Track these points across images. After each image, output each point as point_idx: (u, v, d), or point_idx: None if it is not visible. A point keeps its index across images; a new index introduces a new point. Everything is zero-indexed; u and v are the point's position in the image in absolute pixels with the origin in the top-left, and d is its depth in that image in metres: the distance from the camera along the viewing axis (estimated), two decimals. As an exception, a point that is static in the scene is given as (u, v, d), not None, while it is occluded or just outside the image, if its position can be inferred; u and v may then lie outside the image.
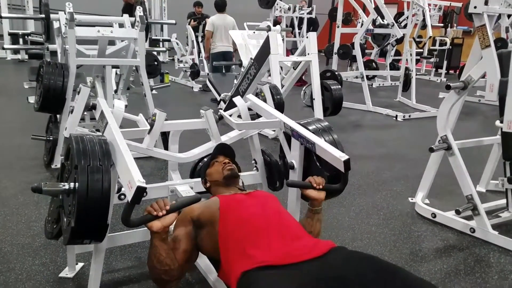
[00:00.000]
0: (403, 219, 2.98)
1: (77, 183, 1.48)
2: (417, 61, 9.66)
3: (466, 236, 2.76)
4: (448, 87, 2.62)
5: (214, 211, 1.71)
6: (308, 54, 4.84)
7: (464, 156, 2.80)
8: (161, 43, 9.52)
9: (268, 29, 5.28)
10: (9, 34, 9.05)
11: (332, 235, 2.68)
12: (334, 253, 1.52)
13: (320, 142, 1.92)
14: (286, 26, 9.98)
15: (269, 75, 5.20)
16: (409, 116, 6.31)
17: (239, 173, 2.09)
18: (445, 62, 10.62)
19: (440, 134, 2.79)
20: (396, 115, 6.26)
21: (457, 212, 2.69)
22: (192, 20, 8.55)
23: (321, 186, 1.86)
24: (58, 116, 3.63)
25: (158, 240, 1.56)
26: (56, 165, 3.57)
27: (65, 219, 1.64)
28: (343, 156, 1.79)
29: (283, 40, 7.36)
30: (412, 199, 3.26)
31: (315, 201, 1.89)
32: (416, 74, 7.67)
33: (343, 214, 3.01)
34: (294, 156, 2.12)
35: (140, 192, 1.39)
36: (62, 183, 1.57)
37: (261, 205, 1.76)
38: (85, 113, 3.47)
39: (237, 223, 1.64)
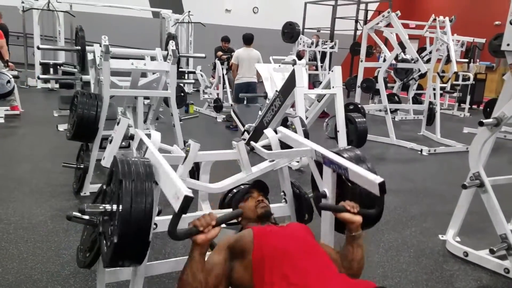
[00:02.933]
0: (434, 257, 2.91)
1: (120, 203, 1.51)
2: (440, 95, 9.62)
3: (500, 276, 2.67)
4: (481, 124, 2.60)
5: (248, 241, 1.71)
6: (333, 87, 4.87)
7: (496, 193, 2.75)
8: (186, 75, 9.73)
9: (294, 63, 5.37)
10: (40, 64, 9.38)
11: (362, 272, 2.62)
12: None
13: (353, 166, 1.88)
14: (309, 59, 10.12)
15: (292, 107, 5.24)
16: (435, 150, 6.24)
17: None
18: (468, 97, 10.54)
19: (473, 171, 2.75)
20: (421, 149, 6.19)
21: (492, 252, 2.62)
22: (221, 52, 8.80)
23: (355, 210, 1.78)
24: (89, 144, 3.71)
25: (199, 253, 1.55)
26: (85, 193, 3.63)
27: (104, 242, 1.67)
28: (378, 179, 1.74)
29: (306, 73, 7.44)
30: (442, 237, 3.18)
31: (352, 225, 1.78)
32: (440, 109, 7.62)
33: (372, 250, 2.96)
34: (326, 184, 2.08)
35: (188, 201, 1.40)
36: (103, 205, 1.61)
37: (296, 236, 1.74)
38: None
39: (272, 253, 1.63)
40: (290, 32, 9.36)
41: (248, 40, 7.47)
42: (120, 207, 1.51)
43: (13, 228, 2.98)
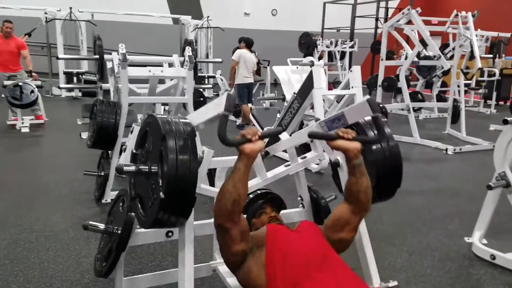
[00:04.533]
0: (460, 261, 2.81)
1: (165, 157, 1.51)
2: (465, 92, 9.38)
3: (530, 280, 2.56)
4: (505, 122, 2.51)
5: (262, 236, 1.72)
6: (352, 87, 4.79)
7: (525, 194, 2.64)
8: (206, 80, 9.79)
9: (312, 64, 5.32)
10: (64, 73, 9.60)
11: (384, 277, 2.55)
12: None
13: (347, 109, 1.74)
14: (328, 60, 10.05)
15: (312, 109, 5.18)
16: (460, 149, 6.07)
17: (285, 210, 2.07)
18: (494, 93, 10.24)
19: (498, 171, 2.66)
20: (446, 148, 6.03)
21: (520, 254, 2.51)
22: None
23: (350, 136, 1.63)
24: (109, 152, 3.75)
25: (244, 164, 1.57)
26: (106, 200, 3.66)
27: (139, 205, 1.69)
28: (365, 98, 1.63)
29: (325, 74, 7.39)
30: (468, 239, 3.07)
31: (349, 153, 1.64)
32: (465, 106, 7.42)
33: (395, 254, 2.88)
34: (337, 152, 1.94)
35: (231, 97, 1.48)
36: (137, 165, 1.61)
37: (308, 241, 1.71)
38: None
39: (284, 255, 1.61)
40: (307, 43, 9.35)
41: (250, 44, 7.58)
42: (167, 161, 1.49)
43: (35, 237, 3.03)
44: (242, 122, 7.59)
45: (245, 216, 2.18)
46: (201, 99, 6.51)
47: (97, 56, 4.14)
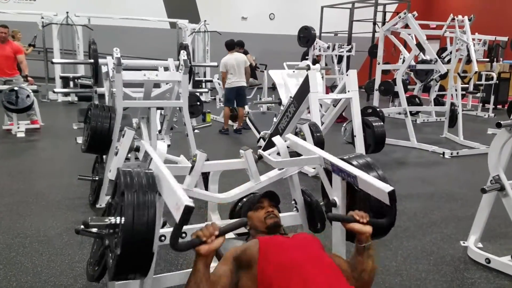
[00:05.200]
0: (455, 265, 2.80)
1: (123, 214, 1.50)
2: (463, 96, 9.40)
3: (525, 284, 2.55)
4: (498, 125, 2.50)
5: (254, 253, 1.68)
6: (349, 91, 4.80)
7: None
8: (204, 84, 9.79)
9: (308, 68, 5.31)
10: (61, 77, 9.60)
11: (378, 281, 2.54)
12: None
13: (362, 175, 1.83)
14: (326, 64, 10.06)
15: (309, 113, 5.18)
16: (457, 153, 6.06)
17: (279, 214, 2.06)
18: (492, 97, 10.26)
19: (492, 174, 2.65)
20: (443, 152, 6.03)
21: (515, 258, 2.50)
22: None
23: (365, 220, 1.71)
24: (104, 156, 3.73)
25: (203, 264, 1.51)
26: (101, 205, 3.64)
27: (110, 255, 1.66)
28: (388, 187, 1.69)
29: (322, 78, 7.38)
30: (464, 243, 3.06)
31: (361, 236, 1.72)
32: (463, 110, 7.43)
33: (390, 258, 2.86)
34: (336, 192, 2.04)
35: (189, 211, 1.37)
36: (108, 218, 1.61)
37: (303, 249, 1.70)
38: (129, 155, 3.54)
39: (278, 266, 1.59)
40: (306, 36, 9.34)
41: (229, 46, 7.50)
42: (123, 219, 1.50)
43: (29, 242, 3.01)
44: (225, 127, 7.55)
45: (234, 221, 2.17)
46: (198, 103, 6.51)
47: (92, 60, 4.13)
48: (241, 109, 7.52)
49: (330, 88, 9.93)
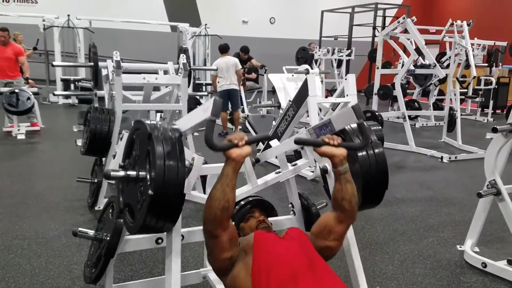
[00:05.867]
0: (452, 269, 2.81)
1: (152, 162, 1.50)
2: (462, 100, 9.42)
3: (521, 288, 2.56)
4: (494, 130, 2.52)
5: (250, 243, 1.71)
6: (347, 95, 4.81)
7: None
8: (204, 87, 9.82)
9: (307, 72, 5.34)
10: (61, 80, 9.62)
11: (375, 285, 2.55)
12: None
13: (333, 115, 1.79)
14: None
15: (308, 116, 5.20)
16: (456, 157, 6.07)
17: (276, 217, 2.07)
18: (491, 102, 10.29)
19: (488, 179, 2.66)
20: (442, 157, 6.04)
21: (510, 262, 2.52)
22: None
23: (335, 142, 1.63)
24: (103, 159, 3.75)
25: (232, 169, 1.57)
26: (99, 207, 3.65)
27: (127, 212, 1.68)
28: (351, 105, 1.67)
29: (322, 82, 7.41)
30: (460, 247, 3.08)
31: (335, 159, 1.64)
32: (461, 114, 7.45)
33: (387, 262, 2.88)
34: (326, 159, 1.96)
35: (218, 102, 1.49)
36: (125, 172, 1.60)
37: (294, 247, 1.70)
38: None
39: (271, 261, 1.60)
40: (304, 57, 9.45)
41: (222, 49, 7.49)
42: (156, 165, 1.49)
43: (27, 244, 3.02)
44: (224, 130, 7.53)
45: (237, 208, 2.19)
46: (198, 106, 6.52)
47: (92, 63, 4.15)
48: (236, 112, 7.50)
49: (330, 92, 9.96)
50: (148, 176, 1.55)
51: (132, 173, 1.60)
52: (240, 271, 1.65)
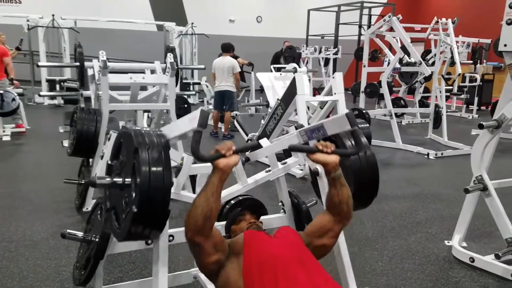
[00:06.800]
0: (440, 264, 2.84)
1: (138, 171, 1.49)
2: (448, 98, 9.53)
3: (507, 282, 2.60)
4: (481, 126, 2.55)
5: (240, 243, 1.70)
6: (335, 93, 4.84)
7: (502, 196, 2.69)
8: (191, 86, 9.77)
9: (294, 70, 5.35)
10: (47, 80, 9.50)
11: (365, 281, 2.57)
12: None
13: (326, 120, 1.77)
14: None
15: (296, 115, 5.21)
16: (442, 154, 6.15)
17: (267, 216, 2.07)
18: (476, 99, 10.43)
19: (475, 174, 2.70)
20: (428, 153, 6.11)
21: (497, 257, 2.56)
22: None
23: (329, 150, 1.66)
24: (90, 160, 3.71)
25: (218, 179, 1.57)
26: (87, 208, 3.61)
27: (114, 217, 1.66)
28: (344, 112, 1.67)
29: (309, 80, 7.43)
30: (448, 242, 3.12)
31: (328, 166, 1.67)
32: (447, 111, 7.54)
33: (376, 258, 2.90)
34: None
35: (205, 114, 1.50)
36: (110, 178, 1.59)
37: (285, 245, 1.70)
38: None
39: (262, 260, 1.60)
40: (291, 56, 9.48)
41: (223, 48, 7.40)
42: (140, 174, 1.48)
43: (15, 246, 2.98)
44: (215, 130, 7.50)
45: (224, 223, 2.19)
46: (186, 105, 6.50)
47: (78, 63, 4.11)
48: (227, 113, 7.45)
49: (318, 90, 10.00)
50: (133, 185, 1.53)
51: (118, 180, 1.58)
52: (231, 272, 1.64)
